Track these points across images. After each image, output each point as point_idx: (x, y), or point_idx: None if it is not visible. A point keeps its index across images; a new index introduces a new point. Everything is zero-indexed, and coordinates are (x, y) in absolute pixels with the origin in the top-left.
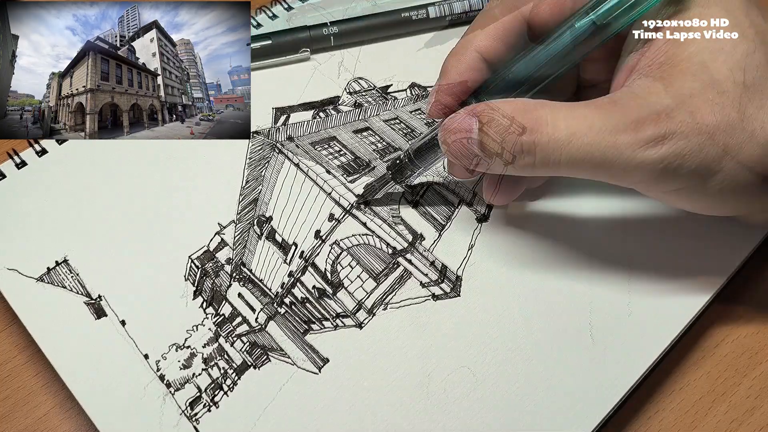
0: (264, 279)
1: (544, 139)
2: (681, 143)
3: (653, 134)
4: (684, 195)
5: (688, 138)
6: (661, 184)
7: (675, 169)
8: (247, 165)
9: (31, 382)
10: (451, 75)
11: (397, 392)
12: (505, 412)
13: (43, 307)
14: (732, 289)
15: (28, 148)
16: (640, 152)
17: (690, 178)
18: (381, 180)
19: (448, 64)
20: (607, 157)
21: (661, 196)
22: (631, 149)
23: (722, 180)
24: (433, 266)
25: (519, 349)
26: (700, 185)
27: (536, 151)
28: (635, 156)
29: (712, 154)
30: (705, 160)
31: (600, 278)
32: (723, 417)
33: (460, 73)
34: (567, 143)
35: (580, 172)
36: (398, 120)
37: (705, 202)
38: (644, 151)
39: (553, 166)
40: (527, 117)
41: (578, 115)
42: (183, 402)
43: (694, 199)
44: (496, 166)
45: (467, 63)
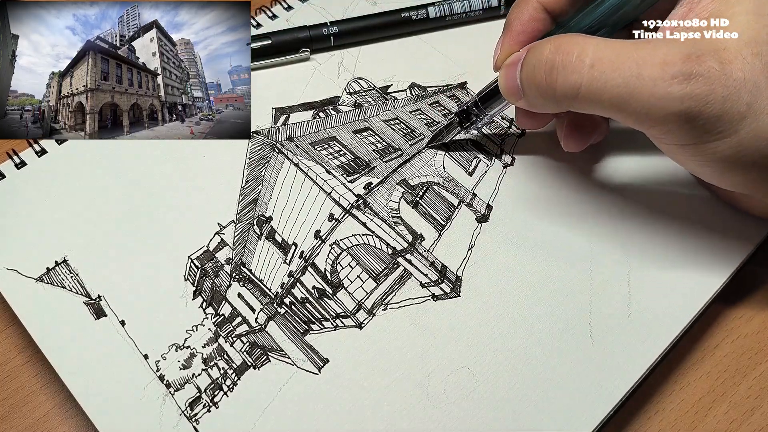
0: (264, 279)
1: (568, 59)
2: (705, 88)
3: (679, 71)
4: (696, 152)
5: (714, 84)
6: (677, 130)
7: (695, 116)
8: (247, 165)
9: (31, 383)
10: (515, 26)
11: (397, 392)
12: (505, 412)
13: (42, 308)
14: (732, 290)
15: (27, 148)
16: (663, 86)
17: (707, 130)
18: (449, 125)
19: (511, 15)
20: (629, 87)
21: (673, 149)
22: (654, 82)
23: (737, 144)
24: (433, 266)
25: (519, 349)
26: (715, 143)
27: (559, 71)
28: (657, 89)
29: (734, 110)
30: (726, 114)
31: (600, 278)
32: (723, 417)
33: (523, 23)
34: (590, 66)
35: (600, 104)
36: (398, 120)
37: (713, 166)
38: (668, 86)
39: (573, 90)
40: (560, 39)
41: (609, 46)
42: (183, 402)
43: (703, 159)
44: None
45: (530, 13)
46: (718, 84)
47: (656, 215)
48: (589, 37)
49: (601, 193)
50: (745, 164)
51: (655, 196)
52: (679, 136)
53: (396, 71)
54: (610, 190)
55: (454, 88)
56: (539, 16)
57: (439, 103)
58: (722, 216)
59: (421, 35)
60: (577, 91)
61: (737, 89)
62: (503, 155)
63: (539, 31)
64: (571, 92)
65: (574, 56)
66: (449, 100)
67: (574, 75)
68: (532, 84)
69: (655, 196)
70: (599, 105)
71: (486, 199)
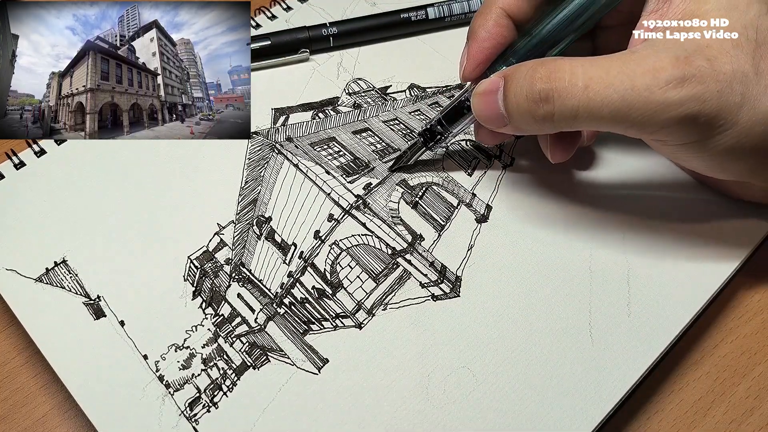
0: (263, 279)
1: (561, 85)
2: (700, 87)
3: (672, 75)
4: (698, 149)
5: (707, 83)
6: (679, 132)
7: (695, 116)
8: (247, 165)
9: (30, 384)
10: (480, 33)
11: (397, 392)
12: (505, 412)
13: (41, 308)
14: (731, 290)
15: (26, 148)
16: (659, 93)
17: (709, 126)
18: (413, 146)
19: (475, 23)
20: (626, 101)
21: (674, 149)
22: (649, 90)
23: (738, 134)
24: (433, 267)
25: (519, 349)
26: (717, 137)
27: (554, 99)
28: (654, 97)
29: (730, 102)
30: (724, 107)
31: (599, 278)
32: (722, 417)
33: (488, 30)
34: (584, 88)
35: (600, 120)
36: (397, 121)
37: (715, 159)
38: (663, 92)
39: (572, 114)
40: (546, 67)
41: (596, 64)
42: (182, 402)
43: (706, 154)
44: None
45: (494, 20)
46: (711, 80)
47: (656, 215)
48: (573, 59)
49: (601, 194)
50: (745, 152)
51: (655, 197)
52: (681, 136)
53: (395, 72)
54: (610, 190)
55: (453, 88)
56: (503, 22)
57: (438, 103)
58: (722, 216)
59: (421, 36)
60: (576, 113)
61: (729, 82)
62: (503, 155)
63: (504, 38)
64: (570, 116)
65: (566, 81)
66: (448, 100)
67: (570, 100)
68: (525, 114)
69: (654, 196)
70: (598, 122)
71: (485, 199)
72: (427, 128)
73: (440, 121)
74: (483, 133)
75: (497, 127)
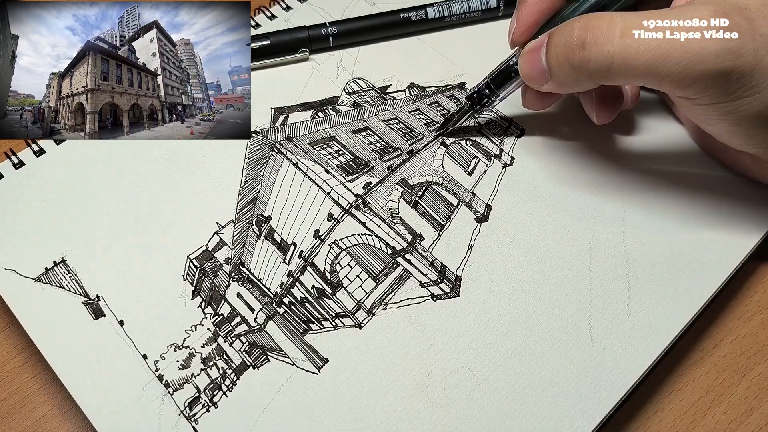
0: (263, 279)
1: (599, 32)
2: (737, 41)
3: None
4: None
5: (744, 39)
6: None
7: (730, 70)
8: (246, 164)
9: (29, 384)
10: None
11: (397, 392)
12: (505, 412)
13: (41, 308)
14: (731, 289)
15: (26, 148)
16: (696, 43)
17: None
18: (460, 110)
19: None
20: (663, 49)
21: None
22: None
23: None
24: (433, 266)
25: (519, 349)
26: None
27: (591, 44)
28: (692, 46)
29: (765, 64)
30: (758, 67)
31: (599, 278)
32: (722, 417)
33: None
34: (621, 35)
35: (635, 70)
36: (397, 120)
37: (742, 125)
38: (701, 42)
39: (607, 60)
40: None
41: (635, 15)
42: (182, 402)
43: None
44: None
45: None
46: (748, 38)
47: (656, 216)
48: (614, 12)
49: (600, 193)
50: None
51: (655, 197)
52: (713, 94)
53: (395, 71)
54: (609, 190)
55: (453, 88)
56: None
57: (438, 103)
58: (721, 216)
59: (420, 36)
60: (611, 61)
61: (765, 43)
62: (502, 155)
63: (553, 2)
64: (605, 64)
65: (604, 29)
66: (448, 100)
67: (607, 45)
68: (564, 63)
69: (654, 196)
70: (633, 72)
71: (485, 198)
72: (475, 91)
73: (488, 84)
74: (529, 98)
75: (539, 84)
